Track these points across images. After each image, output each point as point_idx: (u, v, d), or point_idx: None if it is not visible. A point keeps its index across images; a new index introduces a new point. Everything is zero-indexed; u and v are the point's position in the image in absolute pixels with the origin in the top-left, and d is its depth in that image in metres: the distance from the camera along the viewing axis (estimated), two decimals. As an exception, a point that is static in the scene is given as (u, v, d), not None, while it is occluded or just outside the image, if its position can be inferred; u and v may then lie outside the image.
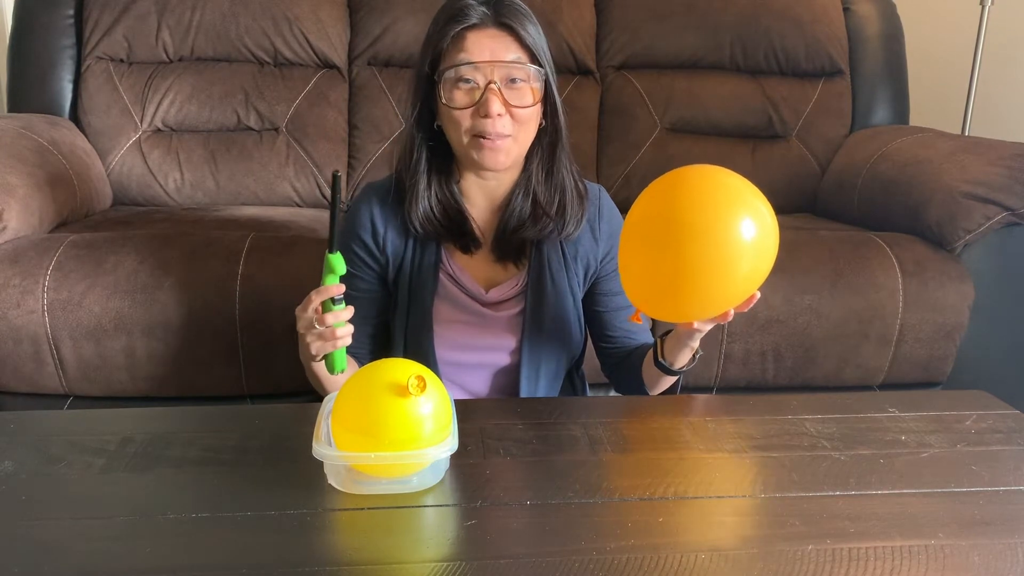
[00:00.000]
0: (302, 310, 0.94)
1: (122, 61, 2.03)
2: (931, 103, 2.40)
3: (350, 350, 1.17)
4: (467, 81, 1.02)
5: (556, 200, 1.11)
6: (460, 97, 1.02)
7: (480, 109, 1.01)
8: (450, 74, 1.02)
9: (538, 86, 1.04)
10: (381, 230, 1.12)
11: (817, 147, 2.18)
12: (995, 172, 1.65)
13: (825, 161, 2.17)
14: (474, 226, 1.11)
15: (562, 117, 1.08)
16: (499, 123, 1.01)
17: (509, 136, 1.03)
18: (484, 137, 1.02)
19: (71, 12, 2.03)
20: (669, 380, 1.13)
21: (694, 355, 1.07)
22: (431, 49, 1.04)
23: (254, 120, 2.03)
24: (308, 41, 2.07)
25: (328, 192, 2.06)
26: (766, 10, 2.18)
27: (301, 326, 0.95)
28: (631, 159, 2.14)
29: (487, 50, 1.01)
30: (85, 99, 2.00)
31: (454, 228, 1.10)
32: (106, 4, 2.01)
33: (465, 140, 1.04)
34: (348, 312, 0.94)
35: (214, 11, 2.03)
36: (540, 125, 1.08)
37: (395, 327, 1.15)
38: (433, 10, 1.07)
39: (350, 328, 0.94)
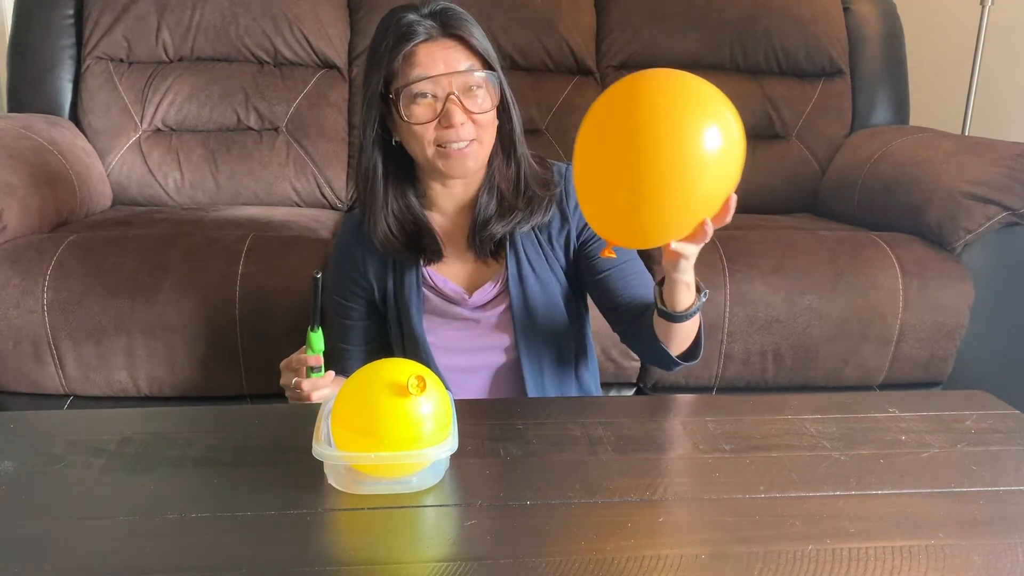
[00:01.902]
0: (286, 367, 1.05)
1: (122, 61, 2.03)
2: (931, 103, 2.40)
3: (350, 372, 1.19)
4: (425, 95, 1.02)
5: (522, 191, 1.12)
6: (420, 112, 1.03)
7: (442, 121, 1.02)
8: (407, 91, 1.02)
9: (494, 90, 1.05)
10: (360, 258, 1.15)
11: (817, 147, 2.18)
12: (995, 172, 1.65)
13: (825, 161, 2.17)
14: (437, 237, 1.12)
15: (515, 112, 1.10)
16: (463, 131, 1.03)
17: (474, 140, 1.05)
18: (449, 147, 1.04)
19: (71, 12, 2.03)
20: (682, 332, 1.02)
21: (699, 293, 0.98)
22: (382, 70, 1.04)
23: (254, 120, 2.03)
24: (308, 41, 2.07)
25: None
26: (766, 10, 2.18)
27: (283, 380, 1.06)
28: (631, 159, 2.13)
29: (440, 62, 1.02)
30: (85, 99, 2.00)
31: (411, 243, 1.11)
32: (106, 4, 2.01)
33: (430, 152, 1.05)
34: (327, 379, 1.03)
35: (214, 11, 2.03)
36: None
37: (394, 347, 1.18)
38: (433, 10, 1.07)
39: (326, 392, 1.02)
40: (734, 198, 0.85)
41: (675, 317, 0.98)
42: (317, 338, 1.00)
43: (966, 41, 2.35)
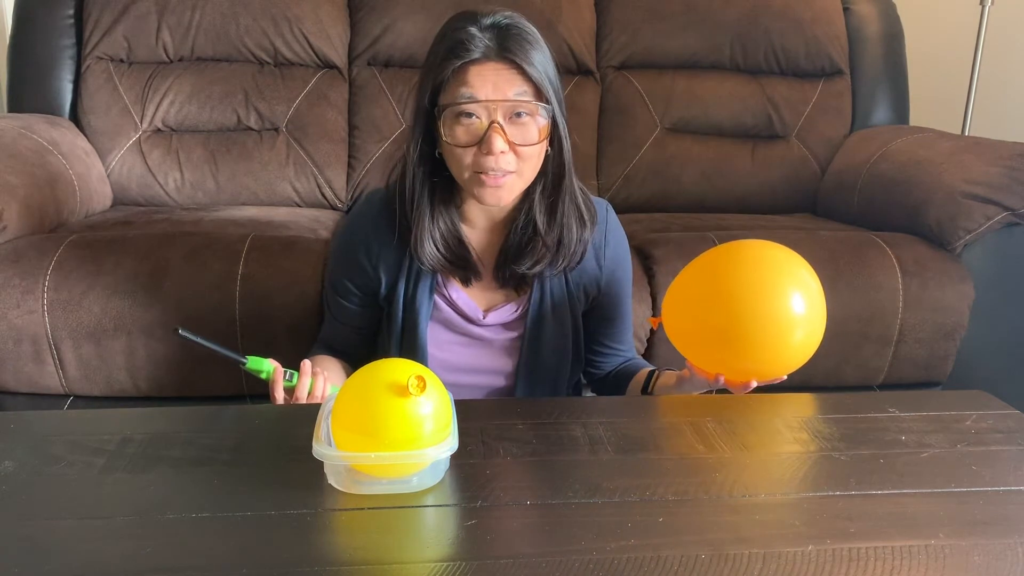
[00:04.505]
0: (272, 402, 1.04)
1: (122, 61, 2.03)
2: (931, 103, 2.40)
3: (347, 356, 1.19)
4: (469, 116, 0.97)
5: (557, 232, 1.07)
6: (462, 134, 0.98)
7: (482, 147, 0.97)
8: (452, 109, 0.98)
9: (543, 120, 1.00)
10: (376, 251, 1.11)
11: (817, 147, 2.18)
12: (995, 172, 1.65)
13: (825, 161, 2.17)
14: (475, 259, 1.09)
15: (567, 149, 1.04)
16: (502, 160, 0.98)
17: (513, 172, 1.00)
18: (486, 173, 0.99)
19: (71, 12, 2.03)
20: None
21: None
22: (431, 81, 0.99)
23: (254, 120, 2.03)
24: (308, 41, 2.07)
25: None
26: (766, 10, 2.19)
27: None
28: (631, 159, 2.14)
29: (490, 84, 0.97)
30: (85, 99, 2.00)
31: (457, 262, 1.08)
32: (106, 4, 2.01)
33: (466, 175, 1.00)
34: (305, 380, 1.02)
35: (214, 11, 2.03)
36: (546, 153, 1.04)
37: (390, 346, 1.14)
38: (434, 10, 1.06)
39: (320, 390, 1.03)
40: (753, 384, 1.03)
41: (651, 394, 1.13)
42: (256, 362, 1.02)
43: (966, 41, 2.35)
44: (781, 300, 0.97)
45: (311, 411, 0.84)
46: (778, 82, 2.20)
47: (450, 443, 0.75)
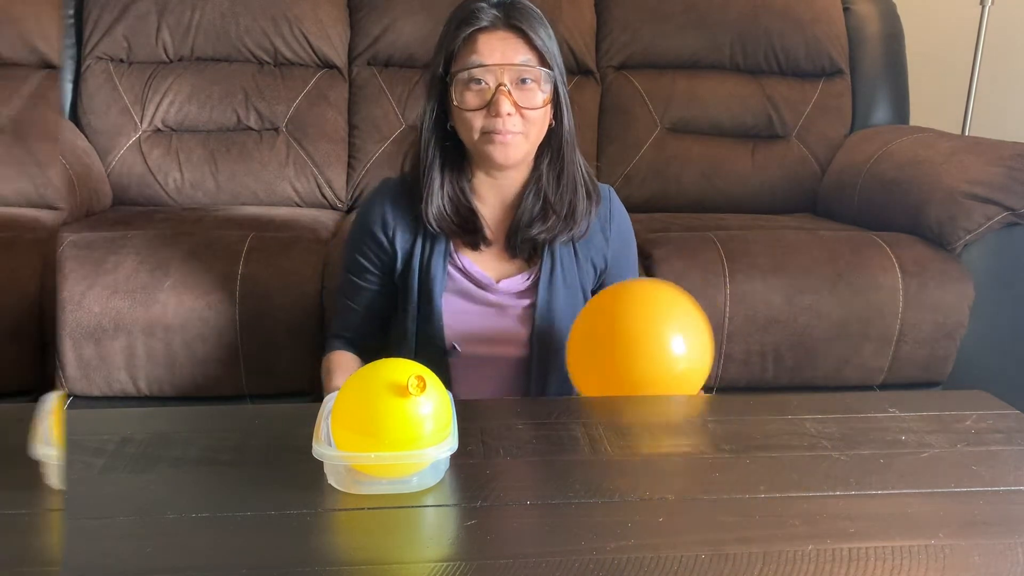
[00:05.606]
0: None
1: (122, 61, 2.03)
2: (931, 103, 2.40)
3: (365, 343, 1.20)
4: (478, 82, 1.06)
5: (567, 200, 1.14)
6: (471, 98, 1.06)
7: (491, 109, 1.05)
8: (462, 76, 1.06)
9: (547, 88, 1.08)
10: (391, 224, 1.16)
11: (817, 147, 2.18)
12: (995, 172, 1.65)
13: (825, 161, 2.17)
14: (484, 224, 1.14)
15: (570, 120, 1.12)
16: (509, 122, 1.06)
17: (520, 133, 1.07)
18: (494, 134, 1.06)
19: (71, 12, 2.03)
20: None
21: None
22: (443, 51, 1.08)
23: (254, 120, 2.03)
24: (308, 41, 2.07)
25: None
26: (766, 10, 2.18)
27: None
28: (631, 159, 2.14)
29: (497, 51, 1.05)
30: (85, 99, 2.00)
31: (465, 225, 1.14)
32: (106, 4, 2.01)
33: (476, 137, 1.07)
34: None
35: (214, 11, 2.03)
36: (550, 125, 1.11)
37: (406, 321, 1.17)
38: (433, 10, 1.10)
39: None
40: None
41: None
42: None
43: (966, 41, 2.35)
44: (658, 356, 1.03)
45: (311, 411, 0.84)
46: (778, 82, 2.20)
47: (450, 443, 0.75)
